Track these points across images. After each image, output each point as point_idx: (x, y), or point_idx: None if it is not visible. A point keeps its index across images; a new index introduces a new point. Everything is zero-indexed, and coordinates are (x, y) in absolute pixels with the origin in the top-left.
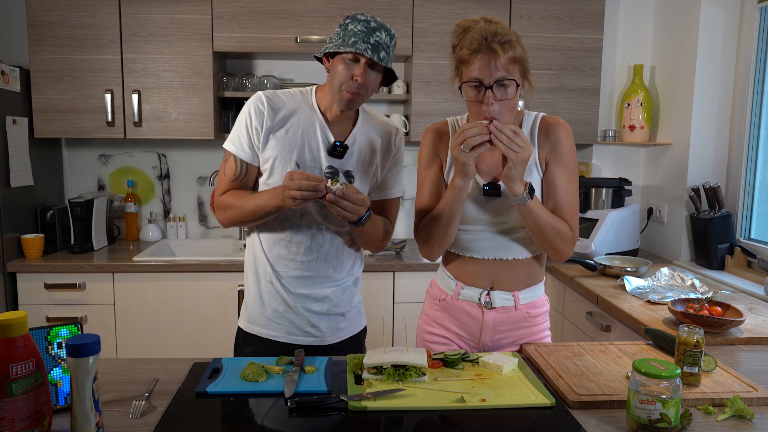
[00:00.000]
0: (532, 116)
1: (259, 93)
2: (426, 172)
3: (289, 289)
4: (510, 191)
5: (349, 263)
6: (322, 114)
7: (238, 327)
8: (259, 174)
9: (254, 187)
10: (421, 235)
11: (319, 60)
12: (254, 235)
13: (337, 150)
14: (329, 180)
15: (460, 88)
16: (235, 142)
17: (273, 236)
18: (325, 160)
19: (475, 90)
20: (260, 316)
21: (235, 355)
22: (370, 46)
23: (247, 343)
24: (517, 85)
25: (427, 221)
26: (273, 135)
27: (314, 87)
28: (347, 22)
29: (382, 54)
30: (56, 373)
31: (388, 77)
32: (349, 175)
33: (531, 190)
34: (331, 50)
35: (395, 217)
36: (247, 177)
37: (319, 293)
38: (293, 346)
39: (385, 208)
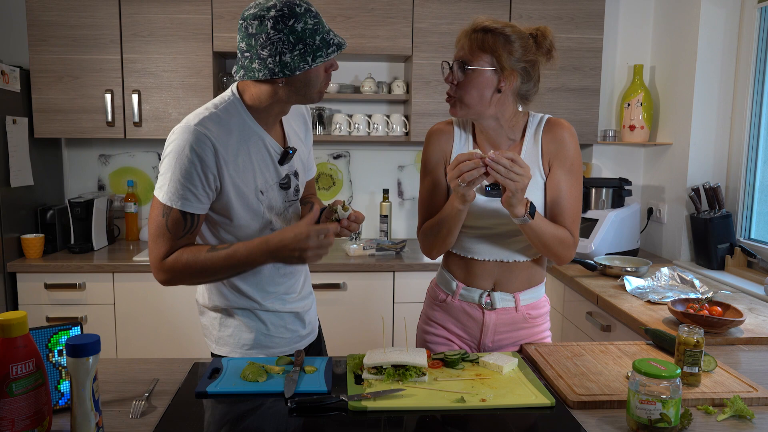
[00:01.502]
0: (537, 117)
1: (196, 130)
2: (429, 172)
3: (290, 302)
4: (511, 214)
5: None
6: (255, 120)
7: (223, 356)
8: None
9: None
10: (422, 238)
11: (268, 80)
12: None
13: (289, 156)
14: (338, 207)
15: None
16: (180, 195)
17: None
18: (280, 172)
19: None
20: (266, 338)
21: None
22: (332, 32)
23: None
24: (466, 69)
25: (427, 228)
26: (227, 172)
27: (235, 86)
28: (291, 23)
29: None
30: (65, 386)
31: None
32: (296, 175)
33: (532, 210)
34: (313, 64)
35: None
36: (196, 228)
37: (306, 289)
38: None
39: (310, 187)
